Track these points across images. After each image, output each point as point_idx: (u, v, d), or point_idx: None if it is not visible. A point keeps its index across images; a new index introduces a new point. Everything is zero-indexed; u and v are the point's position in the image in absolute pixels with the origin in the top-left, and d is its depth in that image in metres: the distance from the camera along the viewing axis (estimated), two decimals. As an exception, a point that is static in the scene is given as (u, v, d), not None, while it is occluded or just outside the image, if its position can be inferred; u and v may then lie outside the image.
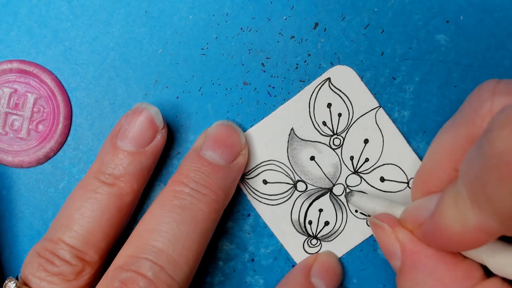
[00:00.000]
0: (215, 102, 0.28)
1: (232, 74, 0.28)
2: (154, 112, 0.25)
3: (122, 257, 0.23)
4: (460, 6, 0.27)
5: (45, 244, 0.24)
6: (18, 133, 0.28)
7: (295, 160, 0.28)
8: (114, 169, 0.24)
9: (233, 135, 0.26)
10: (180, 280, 0.22)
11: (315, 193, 0.28)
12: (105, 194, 0.24)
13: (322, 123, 0.27)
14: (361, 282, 0.28)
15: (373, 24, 0.27)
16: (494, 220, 0.18)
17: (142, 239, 0.23)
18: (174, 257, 0.22)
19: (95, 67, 0.28)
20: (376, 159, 0.28)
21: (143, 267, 0.22)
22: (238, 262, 0.28)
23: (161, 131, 0.25)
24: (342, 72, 0.27)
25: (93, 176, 0.24)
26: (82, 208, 0.24)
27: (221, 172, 0.25)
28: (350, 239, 0.28)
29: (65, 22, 0.28)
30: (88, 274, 0.24)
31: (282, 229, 0.28)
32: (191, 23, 0.28)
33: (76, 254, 0.23)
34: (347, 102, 0.27)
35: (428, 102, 0.27)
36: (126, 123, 0.25)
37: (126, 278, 0.22)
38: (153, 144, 0.25)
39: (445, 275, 0.21)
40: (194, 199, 0.24)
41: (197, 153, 0.25)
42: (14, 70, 0.28)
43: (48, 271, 0.23)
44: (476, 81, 0.27)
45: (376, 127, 0.27)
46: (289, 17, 0.27)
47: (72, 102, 0.28)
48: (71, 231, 0.24)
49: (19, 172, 0.28)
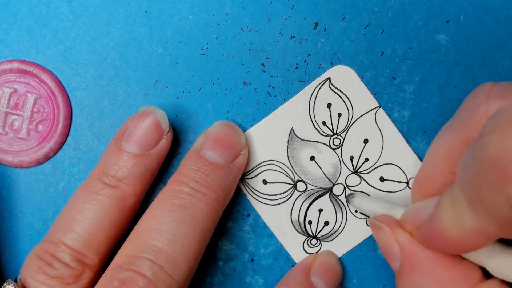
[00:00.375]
0: (215, 102, 0.28)
1: (232, 74, 0.28)
2: (161, 115, 0.25)
3: (122, 257, 0.23)
4: (460, 6, 0.27)
5: (45, 246, 0.24)
6: (18, 133, 0.28)
7: (295, 160, 0.28)
8: (117, 171, 0.24)
9: (234, 135, 0.26)
10: (179, 279, 0.22)
11: (315, 193, 0.28)
12: (107, 196, 0.24)
13: (322, 123, 0.27)
14: (361, 282, 0.28)
15: (373, 24, 0.27)
16: (491, 224, 0.18)
17: (141, 239, 0.23)
18: (174, 257, 0.22)
19: (95, 67, 0.28)
20: (376, 159, 0.28)
21: (143, 266, 0.22)
22: (238, 262, 0.28)
23: (167, 135, 0.25)
24: (342, 72, 0.27)
25: (96, 177, 0.24)
26: (84, 210, 0.24)
27: (221, 171, 0.25)
28: (350, 239, 0.28)
29: (65, 22, 0.28)
30: (87, 277, 0.24)
31: (282, 229, 0.28)
32: (191, 23, 0.28)
33: (76, 257, 0.23)
34: (347, 102, 0.27)
35: (428, 102, 0.27)
36: (132, 126, 0.25)
37: (125, 278, 0.22)
38: (158, 147, 0.25)
39: (443, 276, 0.21)
40: (194, 198, 0.23)
41: (197, 153, 0.25)
42: (14, 70, 0.28)
43: (47, 274, 0.23)
44: (476, 81, 0.27)
45: (376, 127, 0.27)
46: (289, 17, 0.27)
47: (72, 102, 0.28)
48: (72, 232, 0.23)
49: (19, 172, 0.28)
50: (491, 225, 0.18)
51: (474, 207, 0.18)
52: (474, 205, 0.18)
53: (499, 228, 0.18)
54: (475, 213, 0.18)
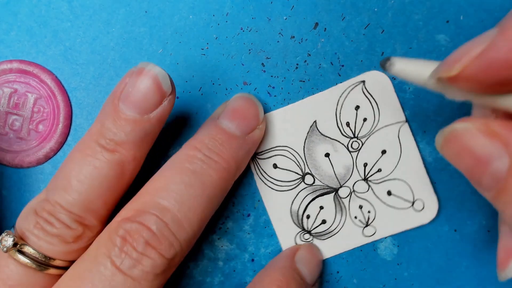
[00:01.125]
0: (215, 102, 0.28)
1: (232, 74, 0.28)
2: (162, 75, 0.23)
3: (129, 210, 0.23)
4: (460, 6, 0.27)
5: (43, 204, 0.23)
6: (18, 133, 0.28)
7: (310, 153, 0.27)
8: (115, 135, 0.23)
9: (252, 108, 0.26)
10: (182, 240, 0.23)
11: (321, 189, 0.28)
12: (105, 161, 0.23)
13: (346, 124, 0.27)
14: (361, 282, 0.28)
15: (373, 24, 0.27)
16: None
17: (149, 196, 0.23)
18: (179, 217, 0.22)
19: (95, 67, 0.28)
20: (389, 172, 0.27)
21: (148, 220, 0.22)
22: (238, 262, 0.28)
23: (169, 97, 0.23)
24: (378, 78, 0.27)
25: (94, 139, 0.23)
26: (80, 175, 0.23)
27: (236, 142, 0.25)
28: (342, 243, 0.28)
29: (65, 22, 0.28)
30: (87, 237, 0.23)
31: (279, 216, 0.28)
32: (191, 23, 0.28)
33: (75, 219, 0.23)
34: (375, 108, 0.27)
35: (428, 102, 0.27)
36: (130, 85, 0.23)
37: (131, 228, 0.22)
38: (159, 110, 0.23)
39: None
40: (205, 164, 0.23)
41: (214, 122, 0.25)
42: (14, 70, 0.28)
43: (46, 231, 0.23)
44: (476, 81, 0.27)
45: (397, 141, 0.27)
46: (289, 17, 0.27)
47: (72, 102, 0.28)
48: (69, 197, 0.23)
49: (19, 172, 0.28)
50: None
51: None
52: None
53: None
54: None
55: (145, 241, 0.22)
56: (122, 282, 0.22)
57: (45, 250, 0.23)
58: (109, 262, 0.22)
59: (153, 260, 0.22)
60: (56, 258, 0.23)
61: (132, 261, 0.22)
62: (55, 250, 0.23)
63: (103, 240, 0.22)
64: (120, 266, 0.22)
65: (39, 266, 0.23)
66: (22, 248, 0.23)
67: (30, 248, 0.23)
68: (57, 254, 0.23)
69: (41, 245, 0.23)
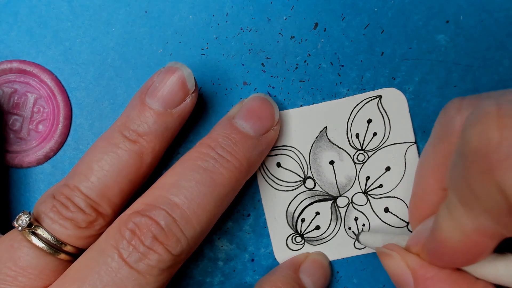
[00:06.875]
0: (215, 102, 0.28)
1: (232, 74, 0.28)
2: (187, 73, 0.25)
3: (140, 204, 0.23)
4: (460, 6, 0.27)
5: (61, 188, 0.24)
6: (18, 133, 0.28)
7: (315, 158, 0.27)
8: (138, 126, 0.24)
9: (268, 109, 0.26)
10: (189, 237, 0.23)
11: (320, 195, 0.28)
12: (126, 150, 0.24)
13: (356, 135, 0.27)
14: (361, 282, 0.28)
15: (373, 24, 0.27)
16: (488, 219, 0.18)
17: (160, 191, 0.23)
18: (188, 214, 0.23)
19: (95, 67, 0.28)
20: (390, 189, 0.27)
21: (158, 215, 0.22)
22: (238, 262, 0.28)
23: (192, 95, 0.25)
24: (394, 95, 0.27)
25: (118, 129, 0.24)
26: (102, 161, 0.24)
27: (249, 142, 0.25)
28: (333, 251, 0.28)
29: (65, 22, 0.28)
30: (99, 225, 0.24)
31: (275, 215, 0.28)
32: (191, 23, 0.28)
33: (90, 204, 0.24)
34: (387, 125, 0.27)
35: (428, 102, 0.27)
36: (158, 81, 0.25)
37: (140, 222, 0.22)
38: (181, 106, 0.25)
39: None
40: (218, 163, 0.24)
41: (229, 121, 0.25)
42: (14, 70, 0.28)
43: (61, 214, 0.23)
44: (476, 81, 0.27)
45: (403, 160, 0.27)
46: (289, 17, 0.27)
47: (72, 102, 0.28)
48: (88, 181, 0.24)
49: (19, 172, 0.28)
50: (488, 220, 0.18)
51: (469, 206, 0.18)
52: (468, 203, 0.18)
53: (497, 222, 0.18)
54: (471, 212, 0.18)
55: (153, 235, 0.22)
56: (128, 275, 0.22)
57: (58, 233, 0.23)
58: (117, 254, 0.22)
59: (159, 255, 0.22)
60: (67, 243, 0.23)
61: (139, 254, 0.22)
62: (67, 234, 0.23)
63: (113, 231, 0.23)
64: (127, 259, 0.22)
65: (50, 249, 0.23)
66: (36, 230, 0.23)
67: (43, 231, 0.23)
68: (69, 238, 0.23)
69: (54, 228, 0.23)
